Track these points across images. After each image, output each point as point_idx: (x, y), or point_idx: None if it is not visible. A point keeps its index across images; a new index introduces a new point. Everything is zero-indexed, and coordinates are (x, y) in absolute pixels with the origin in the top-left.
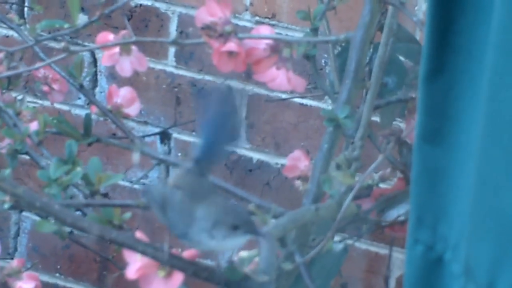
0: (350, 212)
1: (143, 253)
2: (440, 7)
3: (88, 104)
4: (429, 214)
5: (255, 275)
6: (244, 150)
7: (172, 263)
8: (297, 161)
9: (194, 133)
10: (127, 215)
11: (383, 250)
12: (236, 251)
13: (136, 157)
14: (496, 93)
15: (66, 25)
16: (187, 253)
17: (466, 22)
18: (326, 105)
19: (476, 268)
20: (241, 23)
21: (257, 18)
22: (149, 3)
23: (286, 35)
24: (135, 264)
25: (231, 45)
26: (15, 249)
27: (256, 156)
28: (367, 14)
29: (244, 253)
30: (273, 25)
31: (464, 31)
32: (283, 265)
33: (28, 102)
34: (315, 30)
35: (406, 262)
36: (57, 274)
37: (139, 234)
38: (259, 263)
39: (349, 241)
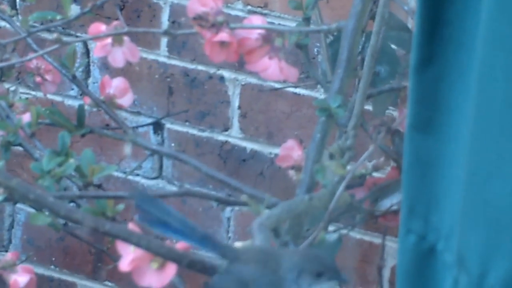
0: (343, 201)
1: (137, 244)
2: None
3: (81, 94)
4: (421, 204)
5: None
6: (238, 140)
7: (168, 255)
8: (290, 151)
9: (187, 123)
10: (120, 206)
11: (377, 240)
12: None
13: (127, 150)
14: (485, 85)
15: (58, 17)
16: (180, 245)
17: (455, 13)
18: (319, 94)
19: (468, 259)
20: (233, 12)
21: (249, 7)
22: None
23: (279, 24)
24: (128, 256)
25: (223, 35)
26: (10, 241)
27: (249, 145)
28: (359, 3)
29: (239, 244)
30: (265, 15)
31: (454, 22)
32: None
33: (21, 93)
34: (307, 20)
35: (398, 252)
36: (52, 266)
37: (132, 226)
38: None
39: (343, 231)
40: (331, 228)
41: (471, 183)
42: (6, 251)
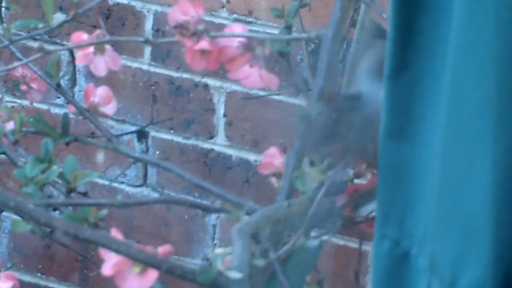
0: (323, 207)
1: (116, 251)
2: (402, 5)
3: (67, 103)
4: (395, 210)
5: (228, 272)
6: (223, 147)
7: (147, 260)
8: (272, 158)
9: (172, 131)
10: (104, 212)
11: (363, 246)
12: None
13: (100, 157)
14: (456, 92)
15: (40, 25)
16: (161, 250)
17: (428, 21)
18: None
19: (440, 264)
20: (217, 20)
21: (234, 15)
22: (125, 1)
23: (264, 32)
24: (110, 260)
25: (204, 44)
26: None
27: (235, 153)
28: (338, 11)
29: (219, 250)
30: (250, 23)
31: (426, 30)
32: (256, 262)
33: (7, 101)
34: (288, 28)
35: (373, 257)
36: (39, 274)
37: (114, 232)
38: (232, 260)
39: (325, 237)
40: (313, 234)
41: (443, 190)
42: None
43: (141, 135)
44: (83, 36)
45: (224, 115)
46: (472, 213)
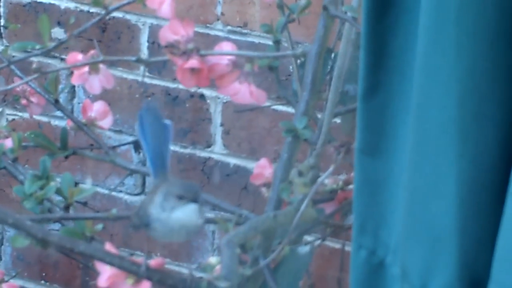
0: (309, 217)
1: (110, 263)
2: (373, 31)
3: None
4: (370, 221)
5: (217, 282)
6: (221, 155)
7: (138, 272)
8: (262, 169)
9: None
10: (99, 226)
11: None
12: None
13: (99, 167)
14: (421, 112)
15: (37, 46)
16: (153, 262)
17: (398, 45)
18: None
19: (410, 272)
20: (212, 32)
21: (229, 27)
22: (121, 15)
23: (259, 43)
24: (105, 273)
25: (193, 62)
26: (0, 258)
27: (232, 161)
28: (321, 29)
29: (213, 259)
30: (245, 34)
31: (396, 54)
32: (243, 271)
33: (8, 114)
34: (277, 43)
35: (351, 266)
36: (43, 282)
37: (108, 246)
38: (221, 270)
39: (317, 242)
40: (310, 238)
41: (412, 203)
42: None
43: (138, 145)
44: (78, 57)
45: (221, 124)
46: (438, 224)
